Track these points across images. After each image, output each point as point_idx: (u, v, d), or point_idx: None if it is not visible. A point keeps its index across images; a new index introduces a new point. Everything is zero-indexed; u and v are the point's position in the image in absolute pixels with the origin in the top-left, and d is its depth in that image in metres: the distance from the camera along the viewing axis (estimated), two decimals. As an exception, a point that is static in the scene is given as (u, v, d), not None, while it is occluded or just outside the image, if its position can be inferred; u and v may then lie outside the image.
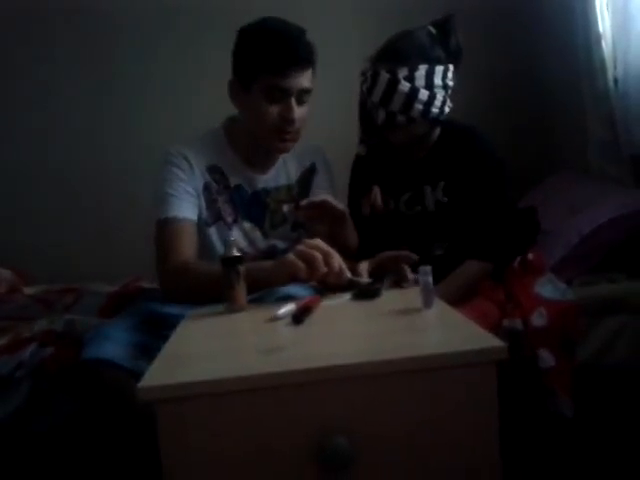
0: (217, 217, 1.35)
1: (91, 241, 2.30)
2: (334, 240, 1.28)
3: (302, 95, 1.27)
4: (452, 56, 1.41)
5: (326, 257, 1.05)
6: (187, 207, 1.28)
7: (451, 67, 1.41)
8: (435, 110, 1.38)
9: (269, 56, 1.22)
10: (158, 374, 0.77)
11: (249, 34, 1.28)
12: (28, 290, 1.97)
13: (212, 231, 1.35)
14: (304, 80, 1.25)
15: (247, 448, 0.73)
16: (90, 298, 1.76)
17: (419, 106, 1.36)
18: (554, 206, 1.79)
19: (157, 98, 2.30)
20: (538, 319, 1.38)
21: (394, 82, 1.35)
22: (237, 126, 1.37)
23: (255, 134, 1.31)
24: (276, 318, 0.95)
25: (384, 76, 1.35)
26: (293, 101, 1.25)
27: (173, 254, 1.23)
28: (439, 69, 1.37)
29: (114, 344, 1.13)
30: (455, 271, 1.41)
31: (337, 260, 1.07)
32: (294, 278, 1.07)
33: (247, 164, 1.37)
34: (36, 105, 2.27)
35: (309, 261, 1.04)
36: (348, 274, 1.09)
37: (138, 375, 1.07)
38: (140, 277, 1.87)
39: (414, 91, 1.35)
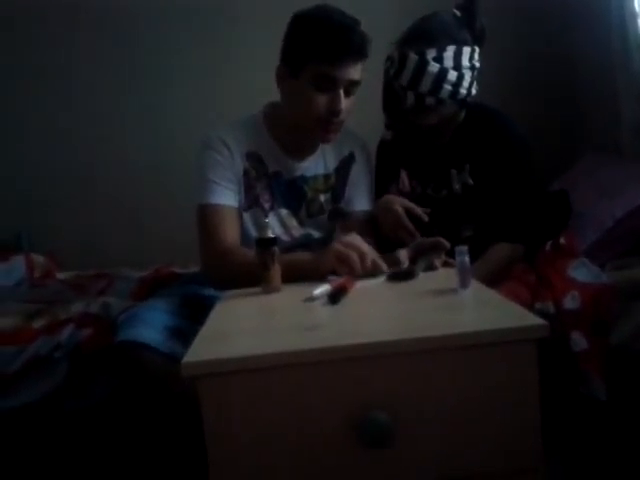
0: (254, 203, 1.35)
1: (122, 227, 2.33)
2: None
3: (351, 87, 1.25)
4: (477, 38, 1.41)
5: (361, 257, 1.09)
6: (228, 194, 1.29)
7: (477, 49, 1.40)
8: (463, 91, 1.38)
9: (323, 44, 1.20)
10: (200, 350, 0.78)
11: (304, 20, 1.25)
12: (61, 275, 2.01)
13: (247, 216, 1.35)
14: (355, 72, 1.23)
15: (288, 423, 0.75)
16: (122, 283, 1.79)
17: (448, 87, 1.35)
18: (587, 189, 1.75)
19: (185, 90, 2.31)
20: (571, 302, 1.36)
21: (423, 63, 1.34)
22: (278, 112, 1.35)
23: (299, 122, 1.29)
24: (312, 298, 0.96)
25: (413, 58, 1.34)
26: (341, 92, 1.23)
27: (215, 241, 1.25)
28: (466, 50, 1.36)
29: (149, 327, 1.15)
30: (485, 254, 1.41)
31: (370, 258, 1.10)
32: (332, 273, 1.11)
33: (285, 151, 1.36)
34: (66, 102, 2.33)
35: (345, 261, 1.09)
36: (384, 268, 1.11)
37: (173, 358, 1.11)
38: (171, 262, 1.89)
39: (443, 72, 1.34)
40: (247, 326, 0.89)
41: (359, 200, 1.43)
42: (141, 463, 1.31)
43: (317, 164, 1.39)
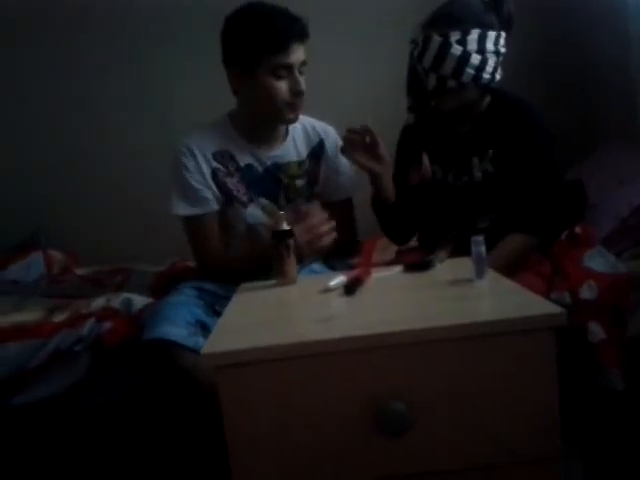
0: (230, 199, 1.40)
1: (137, 223, 2.34)
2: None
3: (302, 67, 1.34)
4: (504, 23, 1.39)
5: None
6: (204, 199, 1.37)
7: (503, 34, 1.38)
8: (486, 76, 1.36)
9: (272, 37, 1.28)
10: (219, 341, 0.79)
11: (243, 21, 1.33)
12: (79, 271, 2.04)
13: (229, 211, 1.41)
14: (303, 53, 1.33)
15: (305, 413, 0.76)
16: (139, 278, 1.82)
17: (470, 71, 1.34)
18: (603, 177, 1.74)
19: (194, 86, 2.32)
20: (587, 292, 1.35)
21: (446, 45, 1.33)
22: (240, 113, 1.43)
23: (266, 113, 1.37)
24: (328, 289, 0.97)
25: (436, 40, 1.34)
26: (297, 74, 1.32)
27: (205, 253, 1.40)
28: (491, 34, 1.35)
29: (173, 324, 1.19)
30: (499, 244, 1.40)
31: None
32: None
33: (254, 144, 1.42)
34: (83, 103, 2.35)
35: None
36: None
37: (198, 352, 1.13)
38: (187, 257, 1.90)
39: (466, 55, 1.33)
40: (264, 317, 0.90)
41: (344, 187, 1.50)
42: (162, 457, 1.33)
43: (288, 151, 1.45)
